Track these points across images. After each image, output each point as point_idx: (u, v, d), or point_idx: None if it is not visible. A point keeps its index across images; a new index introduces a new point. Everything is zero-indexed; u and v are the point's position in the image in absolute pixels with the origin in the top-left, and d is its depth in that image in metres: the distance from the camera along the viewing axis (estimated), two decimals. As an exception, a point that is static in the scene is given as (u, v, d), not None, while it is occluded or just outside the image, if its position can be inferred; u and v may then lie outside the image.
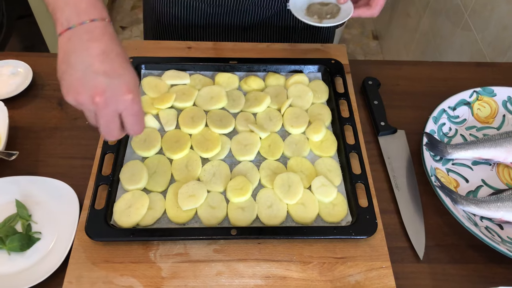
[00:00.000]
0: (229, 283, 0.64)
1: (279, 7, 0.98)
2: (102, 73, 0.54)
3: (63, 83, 0.56)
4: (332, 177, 0.75)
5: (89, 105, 0.55)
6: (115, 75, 0.55)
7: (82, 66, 0.54)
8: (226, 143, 0.79)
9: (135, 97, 0.56)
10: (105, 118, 0.57)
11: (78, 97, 0.55)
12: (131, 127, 0.59)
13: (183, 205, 0.69)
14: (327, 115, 0.84)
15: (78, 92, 0.55)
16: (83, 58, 0.55)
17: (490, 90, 0.88)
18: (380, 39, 2.58)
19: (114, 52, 0.56)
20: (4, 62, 0.91)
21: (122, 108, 0.56)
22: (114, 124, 0.58)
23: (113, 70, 0.55)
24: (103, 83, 0.54)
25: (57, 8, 0.57)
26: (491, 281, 0.68)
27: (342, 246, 0.69)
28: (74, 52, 0.55)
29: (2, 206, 0.72)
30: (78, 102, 0.56)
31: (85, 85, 0.54)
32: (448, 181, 0.78)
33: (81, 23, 0.56)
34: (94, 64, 0.54)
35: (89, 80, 0.54)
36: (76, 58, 0.55)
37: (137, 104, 0.57)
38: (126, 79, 0.56)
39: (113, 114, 0.57)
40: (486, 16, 1.44)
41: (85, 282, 0.63)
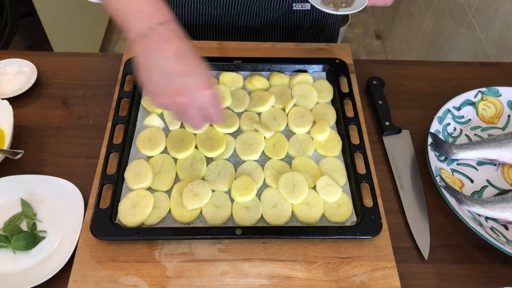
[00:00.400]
0: (234, 282, 0.64)
1: (286, 8, 0.98)
2: (179, 74, 0.56)
3: (146, 89, 0.59)
4: (337, 177, 0.75)
5: (173, 105, 0.58)
6: (191, 73, 0.57)
7: (159, 70, 0.56)
8: (230, 142, 0.79)
9: (212, 91, 0.58)
10: (190, 115, 0.59)
11: (161, 101, 0.58)
12: (215, 118, 0.62)
13: (188, 204, 0.70)
14: (332, 114, 0.84)
15: (160, 96, 0.57)
16: (159, 61, 0.56)
17: (495, 90, 0.88)
18: (383, 38, 2.58)
19: (186, 51, 0.58)
20: (8, 61, 0.91)
21: (204, 103, 0.58)
22: (199, 118, 0.60)
23: (188, 69, 0.57)
24: (181, 83, 0.56)
25: (127, 18, 0.58)
26: (496, 282, 0.68)
27: (347, 246, 0.68)
28: (150, 57, 0.57)
29: (7, 205, 0.72)
30: (163, 105, 0.58)
31: (165, 88, 0.57)
32: (453, 181, 0.78)
33: (152, 29, 0.57)
34: (170, 66, 0.56)
35: (168, 82, 0.56)
36: (152, 63, 0.57)
37: (215, 96, 0.59)
38: (201, 75, 0.58)
39: (196, 110, 0.59)
40: (490, 16, 1.44)
41: (90, 281, 0.64)
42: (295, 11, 0.99)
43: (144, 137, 0.78)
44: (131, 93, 0.83)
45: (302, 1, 0.98)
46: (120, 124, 0.79)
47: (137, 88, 0.85)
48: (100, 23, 2.41)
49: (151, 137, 0.78)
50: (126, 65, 0.88)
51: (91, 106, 0.88)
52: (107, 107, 0.86)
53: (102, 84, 0.91)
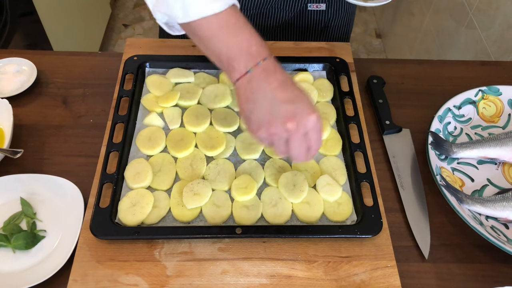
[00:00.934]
0: (234, 281, 0.64)
1: (301, 8, 0.97)
2: (287, 101, 0.59)
3: (253, 121, 0.61)
4: (337, 176, 0.75)
5: (282, 132, 0.59)
6: (298, 100, 0.59)
7: (268, 100, 0.59)
8: (230, 141, 0.79)
9: (318, 116, 0.60)
10: (297, 141, 0.60)
11: (270, 129, 0.59)
12: (315, 143, 0.62)
13: (188, 203, 0.69)
14: (332, 113, 0.84)
15: (270, 124, 0.59)
16: (266, 93, 0.59)
17: (496, 89, 0.88)
18: (383, 37, 2.57)
19: (289, 81, 0.61)
20: (8, 60, 0.91)
21: (310, 127, 0.60)
22: (304, 145, 0.61)
23: (295, 96, 0.60)
24: (291, 109, 0.58)
25: (232, 58, 0.61)
26: (496, 281, 0.68)
27: (347, 245, 0.68)
28: (257, 91, 0.59)
29: (7, 204, 0.72)
30: (271, 133, 0.60)
31: (276, 115, 0.58)
32: (454, 180, 0.78)
33: (256, 65, 0.60)
34: (278, 95, 0.59)
35: (277, 110, 0.58)
36: (260, 95, 0.59)
37: (320, 121, 0.61)
38: (307, 101, 0.60)
39: (302, 135, 0.60)
40: (491, 15, 1.43)
41: (90, 280, 0.63)
42: (310, 11, 0.98)
43: (144, 136, 0.78)
44: (131, 92, 0.83)
45: (317, 1, 0.97)
46: (120, 123, 0.79)
47: (136, 87, 0.85)
48: (100, 22, 2.41)
49: (151, 136, 0.78)
50: (126, 64, 0.88)
51: (91, 105, 0.88)
52: (107, 106, 0.86)
53: (102, 83, 0.91)
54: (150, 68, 0.90)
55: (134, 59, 0.88)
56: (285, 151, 0.62)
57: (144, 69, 0.89)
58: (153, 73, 0.89)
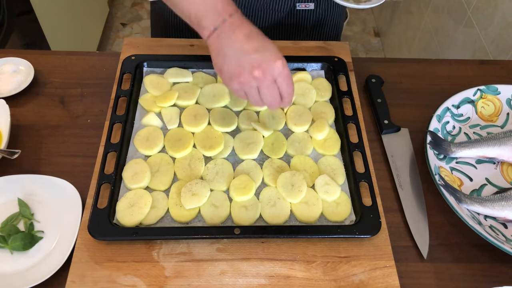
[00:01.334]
0: (233, 282, 0.64)
1: (289, 8, 0.97)
2: (253, 52, 0.63)
3: (224, 73, 0.66)
4: (336, 175, 0.75)
5: (251, 81, 0.64)
6: (263, 49, 0.64)
7: (235, 52, 0.64)
8: (229, 141, 0.79)
9: (284, 62, 0.65)
10: (266, 88, 0.65)
11: (240, 78, 0.64)
12: (286, 89, 0.66)
13: (186, 204, 0.69)
14: (330, 113, 0.84)
15: (239, 74, 0.64)
16: (233, 45, 0.64)
17: (494, 88, 0.88)
18: (382, 36, 2.57)
19: (255, 32, 0.65)
20: (5, 60, 0.91)
21: (277, 73, 0.64)
22: (275, 91, 0.66)
23: (260, 46, 0.64)
24: (257, 58, 0.63)
25: (201, 17, 0.66)
26: (495, 280, 0.68)
27: (346, 245, 0.68)
28: (226, 45, 0.64)
29: (5, 205, 0.71)
30: (241, 83, 0.64)
31: (243, 66, 0.63)
32: (452, 179, 0.78)
33: (223, 21, 0.65)
34: (244, 47, 0.63)
35: (245, 61, 0.63)
36: (228, 49, 0.64)
37: (286, 68, 0.65)
38: (272, 50, 0.64)
39: (271, 82, 0.65)
40: (489, 13, 1.43)
41: (88, 281, 0.63)
42: (299, 10, 0.99)
43: (142, 136, 0.78)
44: (129, 92, 0.83)
45: (305, 1, 0.97)
46: (117, 123, 0.79)
47: (134, 87, 0.84)
48: (98, 21, 2.40)
49: (149, 136, 0.78)
50: (124, 64, 0.87)
51: (88, 105, 0.87)
52: (104, 106, 0.85)
53: (100, 83, 0.90)
54: (148, 68, 0.89)
55: (132, 58, 0.88)
56: (259, 100, 0.66)
57: (142, 69, 0.89)
58: (151, 72, 0.89)
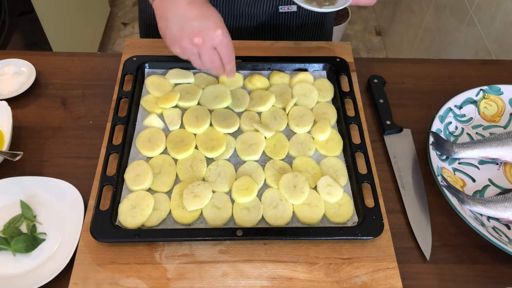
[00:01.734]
0: (235, 284, 0.64)
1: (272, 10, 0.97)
2: (193, 19, 0.65)
3: (167, 38, 0.68)
4: (338, 177, 0.75)
5: (191, 47, 0.66)
6: (205, 18, 0.66)
7: (177, 18, 0.66)
8: (231, 142, 0.79)
9: (224, 31, 0.66)
10: (207, 54, 0.67)
11: (181, 44, 0.66)
12: (226, 57, 0.69)
13: (188, 205, 0.69)
14: (333, 114, 0.84)
15: (180, 40, 0.66)
16: (176, 10, 0.66)
17: (497, 88, 0.87)
18: (383, 35, 2.57)
19: (198, 0, 0.67)
20: (7, 61, 0.91)
21: (217, 42, 0.66)
22: (215, 57, 0.68)
23: (202, 14, 0.66)
24: (197, 26, 0.65)
25: None
26: (498, 282, 0.68)
27: (348, 247, 0.68)
28: (168, 9, 0.66)
29: (7, 207, 0.71)
30: (182, 48, 0.67)
31: (184, 32, 0.65)
32: (455, 180, 0.78)
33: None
34: (186, 13, 0.65)
35: (185, 27, 0.65)
36: (170, 13, 0.66)
37: (226, 37, 0.67)
38: (214, 19, 0.66)
39: (211, 49, 0.67)
40: (492, 12, 1.43)
41: (91, 283, 0.63)
42: (282, 13, 0.99)
43: (144, 137, 0.78)
44: (131, 93, 0.83)
45: (288, 4, 0.97)
46: (119, 124, 0.79)
47: (136, 88, 0.84)
48: (99, 21, 2.40)
49: (151, 137, 0.78)
50: (125, 65, 0.87)
51: (90, 106, 0.87)
52: (106, 107, 0.85)
53: (102, 84, 0.90)
54: (150, 69, 0.89)
55: (133, 59, 0.88)
56: (200, 64, 0.69)
57: (143, 70, 0.88)
58: (152, 73, 0.88)
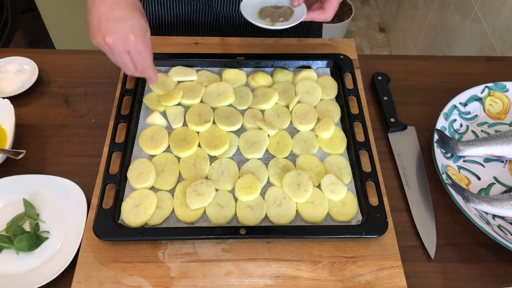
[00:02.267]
0: (239, 283, 0.64)
1: None
2: (111, 19, 0.67)
3: (90, 28, 0.69)
4: (342, 175, 0.74)
5: (103, 45, 0.68)
6: (122, 20, 0.67)
7: (98, 15, 0.68)
8: (234, 140, 0.78)
9: (138, 38, 0.68)
10: (118, 55, 0.69)
11: (95, 39, 0.68)
12: (139, 65, 0.71)
13: (191, 204, 0.69)
14: (336, 111, 0.83)
15: (94, 36, 0.68)
16: (99, 9, 0.68)
17: (503, 86, 0.86)
18: (387, 31, 2.55)
19: (124, 2, 0.68)
20: (9, 59, 0.90)
21: (129, 47, 0.68)
22: (127, 61, 0.70)
23: (121, 16, 0.67)
24: (111, 26, 0.67)
25: None
26: (503, 281, 0.67)
27: (352, 245, 0.68)
28: (93, 5, 0.68)
29: (10, 205, 0.71)
30: (97, 43, 0.69)
31: (100, 30, 0.67)
32: (460, 178, 0.77)
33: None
34: (106, 12, 0.67)
35: (102, 25, 0.67)
36: (94, 10, 0.68)
37: (141, 43, 0.68)
38: (130, 23, 0.67)
39: (123, 52, 0.68)
40: (497, 8, 1.41)
41: (94, 282, 0.63)
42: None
43: (146, 135, 0.78)
44: (133, 91, 0.82)
45: None
46: (122, 122, 0.78)
47: (138, 86, 0.84)
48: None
49: (154, 135, 0.77)
50: (128, 63, 0.87)
51: (93, 104, 0.87)
52: (109, 105, 0.85)
53: (104, 82, 0.90)
54: (152, 67, 0.89)
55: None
56: (115, 62, 0.71)
57: (146, 68, 0.88)
58: (155, 71, 0.88)
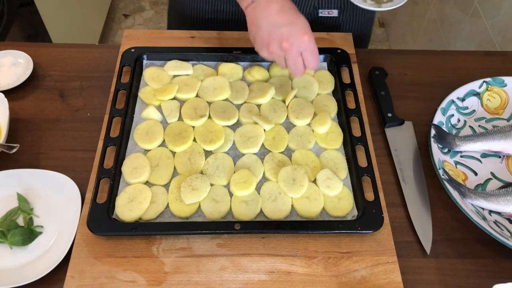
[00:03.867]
0: (233, 278, 0.64)
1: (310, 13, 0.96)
2: (283, 25, 0.70)
3: (257, 42, 0.73)
4: (338, 170, 0.74)
5: (279, 51, 0.71)
6: (293, 24, 0.71)
7: (267, 24, 0.71)
8: (229, 135, 0.78)
9: (311, 37, 0.71)
10: (292, 58, 0.72)
11: (270, 48, 0.71)
12: (310, 62, 0.73)
13: (186, 198, 0.68)
14: (333, 106, 0.83)
15: (269, 44, 0.71)
16: (266, 17, 0.71)
17: (501, 80, 0.86)
18: (386, 26, 2.54)
19: (288, 7, 0.72)
20: (4, 53, 0.90)
21: (303, 47, 0.71)
22: (299, 61, 0.72)
23: (290, 20, 0.71)
24: (286, 31, 0.70)
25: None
26: (499, 276, 0.67)
27: (347, 241, 0.67)
28: (260, 16, 0.71)
29: (4, 200, 0.71)
30: (270, 52, 0.72)
31: (273, 37, 0.70)
32: (456, 174, 0.76)
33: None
34: (276, 20, 0.70)
35: (275, 32, 0.70)
36: (261, 20, 0.71)
37: (313, 42, 0.72)
38: (301, 25, 0.71)
39: (297, 54, 0.71)
40: (497, 3, 1.40)
41: (88, 277, 0.63)
42: (321, 17, 0.98)
43: (141, 130, 0.77)
44: (128, 85, 0.82)
45: (329, 7, 0.95)
46: (117, 117, 0.78)
47: (134, 80, 0.83)
48: (99, 13, 2.38)
49: (149, 130, 0.77)
50: (123, 56, 0.86)
51: (88, 98, 0.86)
52: (104, 99, 0.85)
53: (100, 76, 0.89)
54: (148, 60, 0.88)
55: (132, 51, 0.87)
56: (284, 66, 0.74)
57: (141, 62, 0.87)
58: (150, 65, 0.87)
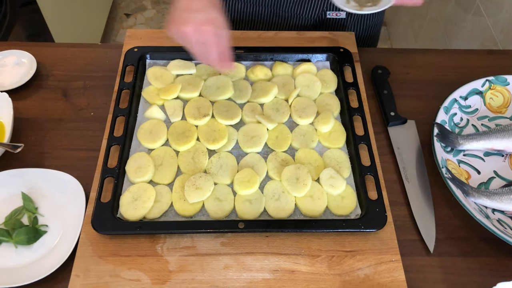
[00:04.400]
0: (237, 276, 0.64)
1: (318, 15, 0.96)
2: (191, 10, 0.69)
3: (168, 18, 0.71)
4: (341, 169, 0.74)
5: (178, 33, 0.69)
6: (199, 12, 0.68)
7: (178, 7, 0.70)
8: (232, 134, 0.78)
9: (214, 30, 0.68)
10: (194, 45, 0.70)
11: (170, 29, 0.70)
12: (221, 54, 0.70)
13: (190, 197, 0.69)
14: (336, 105, 0.83)
15: (170, 26, 0.70)
16: (180, 2, 0.70)
17: (503, 79, 0.86)
18: (388, 25, 2.54)
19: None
20: (8, 52, 0.90)
21: (204, 38, 0.68)
22: (203, 52, 0.70)
23: (199, 8, 0.69)
24: (187, 17, 0.68)
25: None
26: (502, 275, 0.67)
27: (351, 239, 0.68)
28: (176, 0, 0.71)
29: (8, 199, 0.71)
30: (171, 33, 0.70)
31: (176, 20, 0.69)
32: (459, 172, 0.77)
33: None
34: (185, 5, 0.70)
35: (179, 16, 0.69)
36: (176, 4, 0.71)
37: (213, 36, 0.68)
38: (207, 15, 0.68)
39: (200, 44, 0.69)
40: (499, 1, 1.40)
41: (92, 275, 0.63)
42: (329, 19, 0.98)
43: (145, 129, 0.77)
44: (132, 85, 0.82)
45: (337, 9, 0.95)
46: (120, 116, 0.78)
47: (137, 79, 0.83)
48: (101, 12, 2.38)
49: (152, 129, 0.77)
50: (126, 56, 0.87)
51: (91, 97, 0.87)
52: (108, 99, 0.85)
53: (103, 75, 0.90)
54: (151, 60, 0.88)
55: (135, 50, 0.87)
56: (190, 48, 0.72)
57: (144, 61, 0.88)
58: (154, 64, 0.88)
